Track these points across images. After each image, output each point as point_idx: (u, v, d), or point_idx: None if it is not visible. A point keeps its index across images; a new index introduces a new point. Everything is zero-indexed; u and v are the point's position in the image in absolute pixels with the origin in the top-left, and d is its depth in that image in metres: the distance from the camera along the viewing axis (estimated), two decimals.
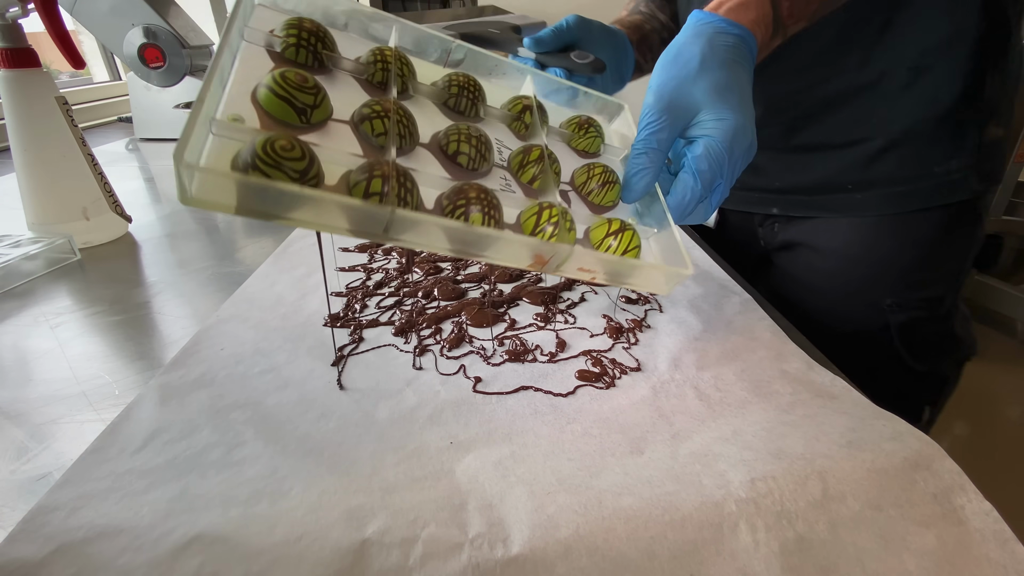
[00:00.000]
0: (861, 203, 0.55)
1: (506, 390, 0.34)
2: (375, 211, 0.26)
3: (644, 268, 0.34)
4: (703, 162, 0.34)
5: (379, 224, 0.27)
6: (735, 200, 0.63)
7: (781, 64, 0.51)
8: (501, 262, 0.31)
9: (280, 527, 0.24)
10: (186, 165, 0.23)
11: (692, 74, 0.35)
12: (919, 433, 0.29)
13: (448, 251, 0.30)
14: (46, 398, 0.34)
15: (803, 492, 0.25)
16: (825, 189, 0.56)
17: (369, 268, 0.50)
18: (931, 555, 0.24)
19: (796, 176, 0.57)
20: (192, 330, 0.40)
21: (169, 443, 0.29)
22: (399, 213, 0.26)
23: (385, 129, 0.31)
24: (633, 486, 0.26)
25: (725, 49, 0.36)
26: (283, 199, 0.25)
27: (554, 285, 0.47)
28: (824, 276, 0.59)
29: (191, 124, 0.24)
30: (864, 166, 0.53)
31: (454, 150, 0.33)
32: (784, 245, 0.63)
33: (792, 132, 0.56)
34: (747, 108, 0.36)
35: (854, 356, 0.48)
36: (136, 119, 1.08)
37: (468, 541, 0.23)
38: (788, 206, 0.60)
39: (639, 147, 0.35)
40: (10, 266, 0.49)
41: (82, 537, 0.23)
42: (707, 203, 0.36)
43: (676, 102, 0.35)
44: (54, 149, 0.54)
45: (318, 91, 0.30)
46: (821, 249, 0.59)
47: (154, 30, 0.81)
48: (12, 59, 0.51)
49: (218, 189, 0.24)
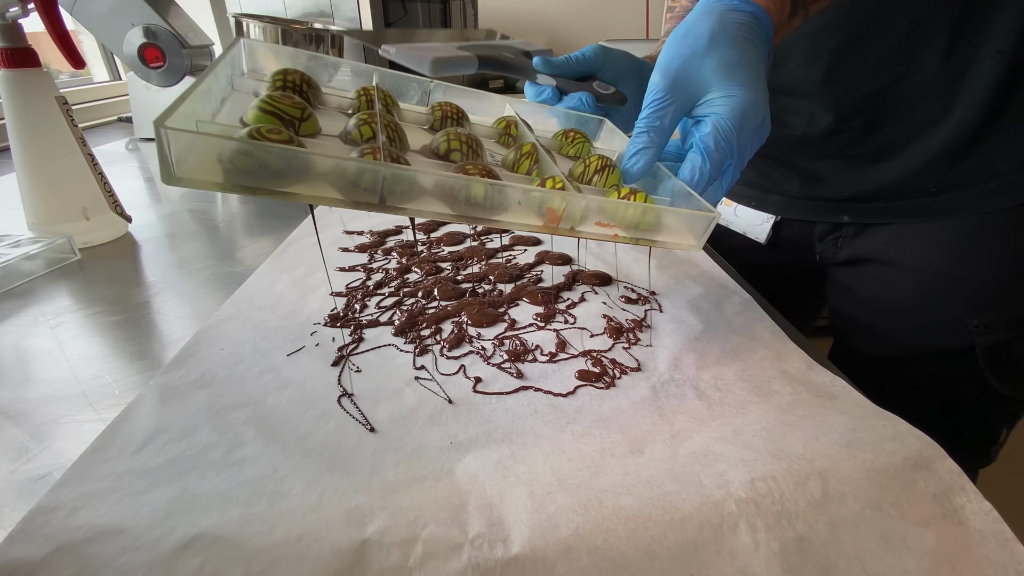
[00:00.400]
0: (947, 204, 0.49)
1: (506, 390, 0.34)
2: (368, 169, 0.25)
3: (669, 215, 0.32)
4: (711, 140, 0.33)
5: (373, 191, 0.26)
6: (797, 209, 0.59)
7: (850, 66, 0.48)
8: (510, 221, 0.30)
9: (280, 527, 0.24)
10: (171, 128, 0.22)
11: (700, 51, 0.34)
12: (919, 433, 0.29)
13: (452, 217, 0.28)
14: (46, 398, 0.34)
15: (803, 492, 0.25)
16: (904, 194, 0.51)
17: (369, 268, 0.50)
18: (931, 555, 0.24)
19: (869, 182, 0.52)
20: (192, 330, 0.40)
21: (169, 443, 0.29)
22: (393, 171, 0.25)
23: (374, 132, 0.31)
24: (633, 486, 0.26)
25: (737, 26, 0.34)
26: (272, 167, 0.24)
27: (554, 285, 0.47)
28: (899, 294, 0.54)
29: (179, 100, 0.24)
30: (949, 164, 0.48)
31: (446, 149, 0.33)
32: (849, 260, 0.57)
33: (865, 137, 0.51)
34: (759, 85, 0.34)
35: (930, 379, 0.44)
36: (136, 119, 1.08)
37: (468, 541, 0.23)
38: (861, 214, 0.54)
39: (641, 125, 0.34)
40: (10, 266, 0.49)
41: (82, 537, 0.23)
42: (717, 185, 0.35)
43: (683, 80, 0.34)
44: (54, 149, 0.54)
45: (305, 107, 0.30)
46: (897, 264, 0.53)
47: (154, 30, 0.81)
48: (12, 59, 0.51)
49: (203, 163, 0.24)
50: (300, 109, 0.30)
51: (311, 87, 0.35)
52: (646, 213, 0.32)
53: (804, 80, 0.50)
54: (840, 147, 0.52)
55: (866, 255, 0.55)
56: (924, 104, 0.48)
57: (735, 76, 0.33)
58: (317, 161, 0.25)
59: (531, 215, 0.30)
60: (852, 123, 0.50)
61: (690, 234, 0.33)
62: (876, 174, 0.52)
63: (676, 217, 0.33)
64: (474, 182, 0.27)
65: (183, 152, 0.23)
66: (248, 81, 0.36)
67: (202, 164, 0.24)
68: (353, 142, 0.31)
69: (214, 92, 0.31)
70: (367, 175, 0.26)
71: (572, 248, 0.54)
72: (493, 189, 0.28)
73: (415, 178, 0.27)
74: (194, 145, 0.24)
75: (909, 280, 0.53)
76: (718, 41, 0.34)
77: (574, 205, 0.30)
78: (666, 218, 0.32)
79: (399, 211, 0.27)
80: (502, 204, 0.29)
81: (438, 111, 0.38)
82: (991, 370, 0.51)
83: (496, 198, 0.28)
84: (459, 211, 0.28)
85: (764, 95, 0.34)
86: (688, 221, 0.33)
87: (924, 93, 0.47)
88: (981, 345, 0.51)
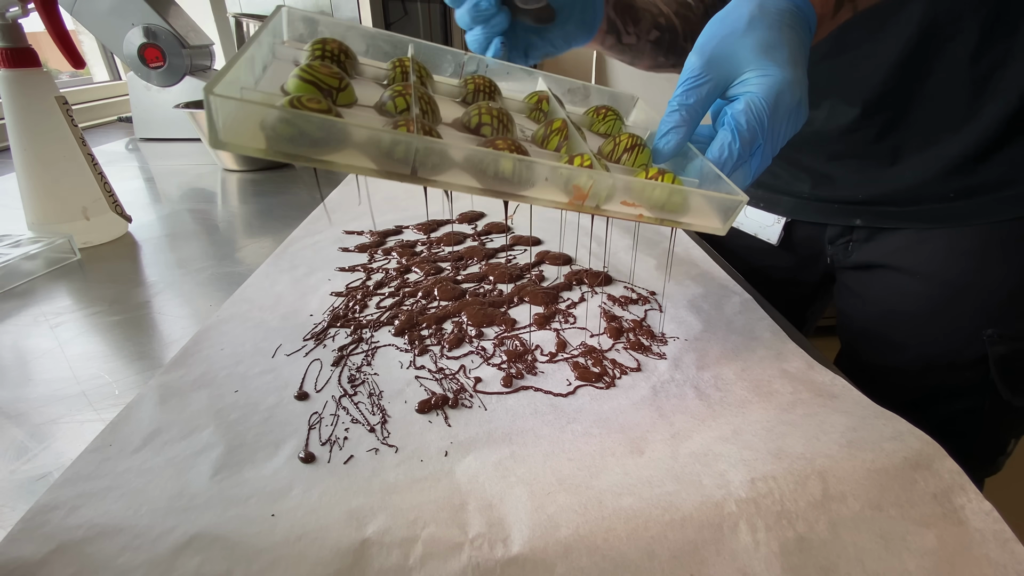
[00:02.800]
0: (963, 211, 0.48)
1: (506, 390, 0.34)
2: (401, 140, 0.26)
3: (696, 197, 0.32)
4: (742, 117, 0.32)
5: (405, 162, 0.27)
6: (808, 211, 0.57)
7: (874, 60, 0.47)
8: (537, 197, 0.30)
9: (280, 527, 0.24)
10: (218, 95, 0.23)
11: (739, 32, 0.33)
12: (919, 433, 0.29)
13: (480, 190, 0.29)
14: (46, 398, 0.34)
15: (803, 492, 0.25)
16: (919, 199, 0.50)
17: (369, 268, 0.50)
18: (931, 555, 0.24)
19: (884, 185, 0.51)
20: (192, 330, 0.40)
21: (169, 442, 0.29)
22: (426, 143, 0.26)
23: (408, 105, 0.31)
24: (633, 486, 0.26)
25: (777, 13, 0.33)
26: (311, 136, 0.25)
27: (554, 285, 0.47)
28: (911, 301, 0.53)
29: (226, 68, 0.25)
30: (967, 170, 0.48)
31: (476, 123, 0.33)
32: (860, 265, 0.56)
33: (883, 136, 0.50)
34: (797, 67, 0.33)
35: (939, 388, 0.43)
36: (136, 119, 1.09)
37: (468, 541, 0.23)
38: (873, 218, 0.53)
39: (673, 104, 0.33)
40: (10, 266, 0.49)
41: (82, 536, 0.23)
42: (746, 167, 0.33)
43: (718, 59, 0.33)
44: (54, 149, 0.54)
45: (343, 77, 0.31)
46: (910, 271, 0.52)
47: (154, 30, 0.81)
48: (12, 59, 0.51)
49: (247, 130, 0.25)
50: (338, 79, 0.31)
51: (348, 57, 0.36)
52: (673, 194, 0.31)
53: (828, 72, 0.49)
54: (856, 146, 0.51)
55: (877, 261, 0.54)
56: (947, 106, 0.47)
57: (772, 56, 0.32)
58: (353, 131, 0.26)
59: (557, 191, 0.30)
60: (872, 120, 0.50)
61: (716, 217, 0.33)
62: (891, 177, 0.51)
63: (703, 200, 0.32)
64: (503, 157, 0.28)
65: (229, 118, 0.24)
66: (288, 49, 0.37)
67: (246, 130, 0.25)
68: (388, 113, 0.32)
69: (257, 60, 0.32)
70: (400, 147, 0.26)
71: (572, 248, 0.54)
72: (521, 164, 0.28)
73: (446, 151, 0.27)
74: (238, 112, 0.25)
75: (921, 287, 0.52)
76: (757, 24, 0.33)
77: (601, 183, 0.29)
78: (693, 200, 0.32)
79: (430, 183, 0.28)
80: (529, 180, 0.29)
81: (471, 84, 0.39)
82: (1003, 381, 0.50)
83: (524, 173, 0.29)
84: (487, 185, 0.29)
85: (803, 78, 0.33)
86: (715, 204, 0.32)
87: (948, 94, 0.47)
88: (994, 355, 0.50)
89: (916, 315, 0.53)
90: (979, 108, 0.46)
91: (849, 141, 0.51)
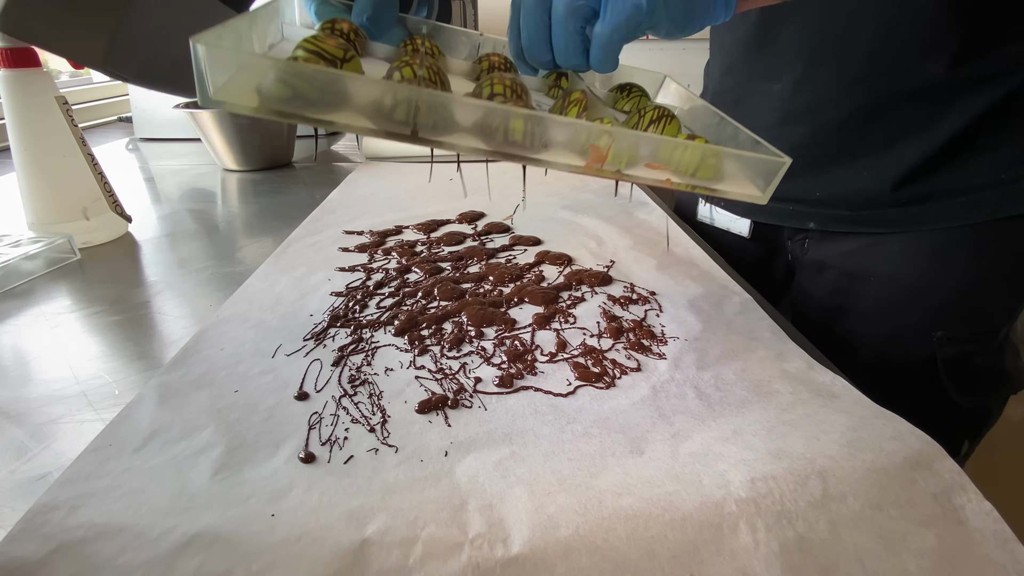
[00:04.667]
0: (917, 217, 0.49)
1: (506, 390, 0.34)
2: (400, 90, 0.24)
3: (731, 158, 0.29)
4: None
5: (406, 123, 0.25)
6: (763, 212, 0.58)
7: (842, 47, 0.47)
8: (551, 160, 0.27)
9: (280, 527, 0.24)
10: (207, 43, 0.22)
11: None
12: (919, 432, 0.29)
13: (489, 154, 0.27)
14: (46, 398, 0.34)
15: (803, 492, 0.25)
16: (873, 203, 0.50)
17: (369, 268, 0.50)
18: (931, 555, 0.24)
19: (840, 186, 0.51)
20: (192, 330, 0.40)
21: (169, 442, 0.29)
22: (428, 95, 0.24)
23: (415, 74, 0.29)
24: (633, 486, 0.26)
25: None
26: (305, 93, 0.24)
27: (554, 285, 0.47)
28: (864, 302, 0.53)
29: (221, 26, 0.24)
30: (924, 176, 0.48)
31: (489, 93, 0.31)
32: (815, 263, 0.57)
33: (843, 130, 0.50)
34: None
35: (889, 388, 0.42)
36: (136, 119, 1.09)
37: (468, 541, 0.23)
38: (827, 221, 0.53)
39: None
40: (10, 266, 0.49)
41: (82, 536, 0.23)
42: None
43: None
44: (54, 149, 0.54)
45: (348, 49, 0.29)
46: (864, 273, 0.53)
47: None
48: (12, 59, 0.51)
49: (240, 86, 0.24)
50: (343, 50, 0.28)
51: (359, 36, 0.35)
52: (707, 157, 0.28)
53: (794, 49, 0.50)
54: (814, 147, 0.52)
55: (831, 261, 0.55)
56: (910, 104, 0.47)
57: None
58: (349, 84, 0.24)
59: (573, 154, 0.27)
60: (834, 112, 0.50)
61: (753, 184, 0.30)
62: (848, 178, 0.51)
63: (739, 163, 0.29)
64: (513, 112, 0.26)
65: (219, 72, 0.23)
66: (299, 30, 0.36)
67: (239, 87, 0.24)
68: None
69: (261, 35, 0.31)
70: (401, 107, 0.25)
71: (572, 248, 0.54)
72: (532, 122, 0.26)
73: (449, 105, 0.25)
74: (232, 67, 0.23)
75: (874, 289, 0.53)
76: None
77: (622, 141, 0.27)
78: (728, 164, 0.29)
79: (432, 143, 0.26)
80: (542, 140, 0.26)
81: (485, 62, 0.37)
82: (952, 382, 0.51)
83: (535, 132, 0.26)
84: (496, 147, 0.26)
85: None
86: (754, 167, 0.29)
87: (913, 94, 0.47)
88: (942, 357, 0.51)
89: (867, 315, 0.54)
90: (940, 117, 0.47)
91: (804, 134, 0.51)
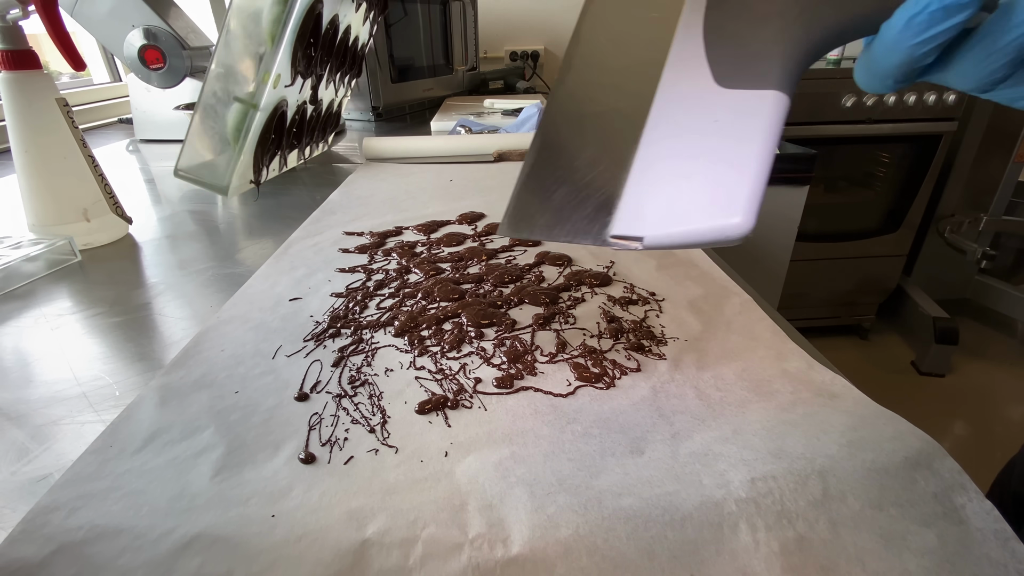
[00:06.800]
0: None
1: (506, 390, 0.34)
2: None
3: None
4: None
5: None
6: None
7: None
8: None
9: (280, 527, 0.24)
10: (184, 176, 0.22)
11: None
12: (920, 432, 0.29)
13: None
14: (47, 399, 0.34)
15: (803, 491, 0.25)
16: None
17: (369, 269, 0.50)
18: (932, 554, 0.24)
19: None
20: (192, 331, 0.41)
21: (169, 443, 0.29)
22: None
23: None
24: (633, 486, 0.26)
25: None
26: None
27: (554, 285, 0.47)
28: None
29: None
30: None
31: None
32: None
33: None
34: None
35: None
36: (136, 120, 1.09)
37: (468, 541, 0.23)
38: None
39: None
40: (11, 267, 0.49)
41: (82, 537, 0.23)
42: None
43: None
44: (55, 150, 0.54)
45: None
46: None
47: (154, 31, 0.81)
48: (13, 61, 0.51)
49: (239, 178, 0.24)
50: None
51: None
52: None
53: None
54: None
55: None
56: None
57: None
58: None
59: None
60: None
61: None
62: None
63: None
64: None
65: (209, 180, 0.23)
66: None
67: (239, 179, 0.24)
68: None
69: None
70: None
71: (572, 249, 0.54)
72: None
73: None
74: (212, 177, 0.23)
75: None
76: None
77: None
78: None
79: None
80: None
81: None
82: None
83: None
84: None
85: None
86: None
87: None
88: None
89: None
90: None
91: None
